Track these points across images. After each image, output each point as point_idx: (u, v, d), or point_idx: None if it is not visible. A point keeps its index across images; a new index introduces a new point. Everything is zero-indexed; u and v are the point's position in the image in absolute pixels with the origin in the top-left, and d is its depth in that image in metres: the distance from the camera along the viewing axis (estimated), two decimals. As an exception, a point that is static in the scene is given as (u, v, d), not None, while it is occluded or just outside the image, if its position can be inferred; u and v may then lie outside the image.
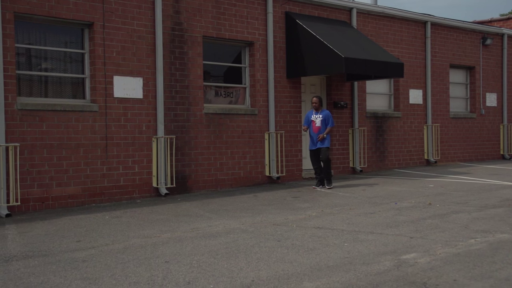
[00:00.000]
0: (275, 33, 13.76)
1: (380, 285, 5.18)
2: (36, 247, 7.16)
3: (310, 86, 14.98)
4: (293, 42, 13.88)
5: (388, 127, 16.47)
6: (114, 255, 6.61)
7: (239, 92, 13.54)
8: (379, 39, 16.15)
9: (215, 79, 13.43)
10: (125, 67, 11.32)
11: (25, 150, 10.11)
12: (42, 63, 10.87)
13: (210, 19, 12.62)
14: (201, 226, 8.36)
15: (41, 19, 10.51)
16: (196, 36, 12.40)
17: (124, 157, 11.34)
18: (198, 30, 12.42)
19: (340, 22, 15.07)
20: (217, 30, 12.77)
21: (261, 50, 13.55)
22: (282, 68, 13.91)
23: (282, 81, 13.92)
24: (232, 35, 13.03)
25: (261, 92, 13.55)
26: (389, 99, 16.99)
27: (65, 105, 10.67)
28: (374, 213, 9.15)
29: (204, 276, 5.59)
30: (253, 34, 13.38)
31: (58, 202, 10.49)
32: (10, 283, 5.53)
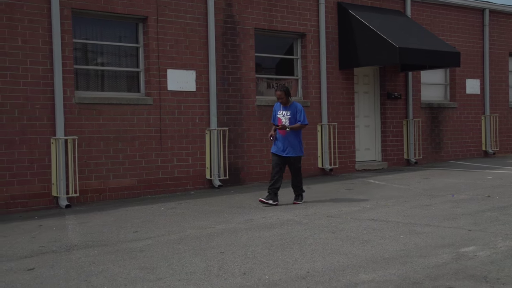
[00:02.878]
0: (327, 24, 13.64)
1: (439, 278, 5.08)
2: (95, 237, 7.34)
3: (363, 77, 14.80)
4: (345, 32, 13.73)
5: (443, 118, 16.11)
6: (170, 246, 6.71)
7: (291, 84, 13.50)
8: (434, 28, 15.80)
9: (267, 71, 13.42)
10: (178, 61, 11.44)
11: (83, 143, 10.36)
12: (98, 58, 11.10)
13: (262, 11, 12.61)
14: (255, 218, 8.39)
15: (97, 14, 10.72)
16: (248, 29, 12.42)
17: (178, 150, 11.49)
18: (250, 22, 12.43)
19: (394, 11, 14.81)
20: (269, 22, 12.75)
21: (313, 41, 13.46)
22: (334, 59, 13.79)
23: (334, 72, 13.80)
24: (284, 26, 12.99)
25: (313, 84, 13.47)
26: (445, 89, 16.62)
27: (120, 98, 10.87)
28: (430, 205, 8.98)
29: (259, 267, 5.61)
30: (305, 26, 13.31)
31: (115, 193, 10.72)
32: (72, 271, 5.69)
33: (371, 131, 14.93)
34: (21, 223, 8.62)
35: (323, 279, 5.17)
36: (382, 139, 14.92)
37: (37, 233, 7.77)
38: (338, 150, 13.78)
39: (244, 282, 5.15)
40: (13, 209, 9.66)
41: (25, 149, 9.82)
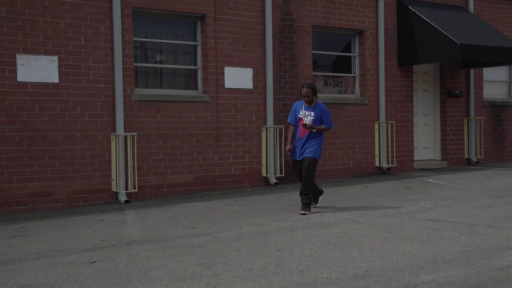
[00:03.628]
0: (386, 20, 13.43)
1: (503, 281, 4.92)
2: (154, 232, 7.46)
3: (422, 75, 14.51)
4: (404, 29, 13.48)
5: (506, 116, 15.62)
6: (227, 242, 6.74)
7: (348, 82, 13.37)
8: (499, 23, 15.33)
9: (324, 68, 13.33)
10: (235, 58, 11.50)
11: (142, 139, 10.54)
12: (157, 55, 11.27)
13: (319, 8, 12.53)
14: (311, 216, 8.34)
15: (157, 12, 10.89)
16: (306, 26, 12.36)
17: (235, 147, 11.54)
18: (307, 19, 12.37)
19: (456, 7, 14.45)
20: (327, 19, 12.66)
21: (372, 39, 13.28)
22: (393, 56, 13.57)
23: (393, 70, 13.58)
24: (342, 24, 12.87)
25: (371, 81, 13.29)
26: (509, 86, 16.11)
27: (178, 96, 11.01)
28: (493, 206, 8.72)
29: (317, 265, 5.58)
30: (363, 22, 13.14)
31: (172, 189, 10.86)
32: (132, 265, 5.80)
33: (430, 130, 14.62)
34: (82, 217, 8.84)
35: (382, 279, 5.09)
36: (442, 137, 14.59)
37: (98, 227, 7.95)
38: (396, 148, 13.56)
39: (301, 280, 5.13)
40: (74, 204, 9.93)
41: (87, 145, 10.07)
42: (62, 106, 9.84)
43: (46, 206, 9.68)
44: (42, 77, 9.63)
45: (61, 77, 9.81)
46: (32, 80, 9.57)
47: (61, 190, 9.82)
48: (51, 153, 9.74)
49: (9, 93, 9.38)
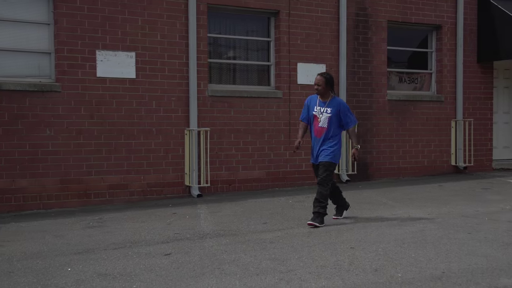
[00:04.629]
0: (466, 15, 13.00)
1: None
2: (226, 227, 7.52)
3: (503, 71, 13.97)
4: (485, 24, 13.01)
5: None
6: (299, 238, 6.71)
7: (424, 78, 13.04)
8: None
9: (398, 64, 13.04)
10: (308, 54, 11.43)
11: (215, 134, 10.65)
12: (230, 51, 11.35)
13: (395, 3, 12.27)
14: (385, 214, 8.19)
15: (231, 9, 10.96)
16: (381, 21, 12.14)
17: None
18: (383, 15, 12.14)
19: (539, 0, 13.82)
20: (403, 15, 12.38)
21: (449, 34, 12.89)
22: (472, 52, 13.13)
23: (471, 66, 13.14)
24: (419, 19, 12.55)
25: (448, 78, 12.91)
26: None
27: (251, 91, 11.05)
28: None
29: (391, 264, 5.46)
30: (441, 17, 12.77)
31: (244, 185, 10.92)
32: (206, 258, 5.86)
33: (510, 128, 14.06)
34: (156, 210, 9.02)
35: (460, 280, 4.93)
36: (523, 137, 14.02)
37: (172, 220, 8.09)
38: (474, 147, 13.11)
39: (376, 278, 5.04)
40: (149, 196, 10.15)
41: (161, 140, 10.26)
42: (138, 101, 10.07)
43: (122, 198, 9.94)
44: (120, 73, 9.89)
45: (138, 72, 10.04)
46: (111, 75, 9.84)
47: (136, 183, 10.06)
48: (127, 147, 9.99)
49: (88, 88, 9.68)
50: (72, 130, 9.56)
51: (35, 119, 9.31)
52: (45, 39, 9.54)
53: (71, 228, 7.69)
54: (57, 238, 7.02)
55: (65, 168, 9.52)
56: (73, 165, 9.58)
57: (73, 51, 9.54)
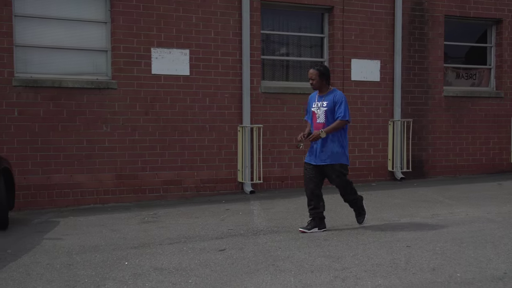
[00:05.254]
0: (528, 8, 12.60)
1: None
2: (279, 223, 7.50)
3: None
4: (546, 17, 12.57)
5: None
6: (354, 236, 6.64)
7: (482, 74, 12.69)
8: None
9: (455, 60, 12.73)
10: (363, 50, 11.29)
11: (267, 131, 10.64)
12: (283, 48, 11.32)
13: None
14: (442, 213, 8.01)
15: (284, 5, 10.94)
16: (438, 16, 11.87)
17: (360, 140, 11.35)
18: (440, 9, 11.87)
19: None
20: (461, 9, 12.07)
21: (510, 28, 12.50)
22: (532, 46, 12.71)
23: (533, 61, 12.73)
24: (478, 13, 12.21)
25: (508, 73, 12.53)
26: None
27: (304, 88, 10.97)
28: None
29: (450, 264, 5.33)
30: (501, 11, 12.39)
31: (296, 181, 10.88)
32: (260, 254, 5.86)
33: None
34: (210, 206, 9.09)
35: (523, 282, 4.77)
36: None
37: (226, 216, 8.13)
38: (534, 145, 12.70)
39: (434, 278, 4.92)
40: (202, 192, 10.23)
41: (214, 136, 10.32)
42: (192, 98, 10.15)
43: (176, 194, 10.05)
44: (174, 70, 9.99)
45: (192, 69, 10.13)
46: (165, 72, 9.96)
47: (189, 179, 10.16)
48: (181, 143, 10.10)
49: (144, 85, 9.82)
50: (127, 126, 9.73)
51: (92, 115, 9.51)
52: (102, 37, 9.73)
53: (127, 223, 7.82)
54: (113, 232, 7.15)
55: (121, 164, 9.70)
56: (129, 161, 9.75)
57: (129, 49, 9.70)
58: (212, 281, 4.98)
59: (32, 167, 9.16)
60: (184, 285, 4.89)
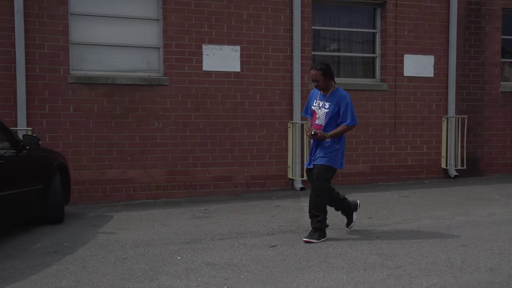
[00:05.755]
0: None
1: None
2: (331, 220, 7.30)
3: None
4: None
5: None
6: (407, 234, 6.52)
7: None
8: None
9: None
10: (416, 45, 11.07)
11: (318, 127, 10.55)
12: (334, 44, 11.22)
13: (511, -11, 11.65)
14: (499, 212, 7.79)
15: (336, 0, 10.83)
16: (495, 9, 11.53)
17: (412, 137, 11.15)
18: (497, 2, 11.53)
19: None
20: (519, 1, 11.71)
21: None
22: None
23: None
24: (536, 5, 11.83)
25: None
26: None
27: (355, 84, 10.87)
28: None
29: (508, 264, 5.18)
30: (560, 3, 11.97)
31: (347, 178, 10.77)
32: (311, 251, 5.80)
33: None
34: (260, 202, 9.08)
35: None
36: None
37: (276, 213, 8.12)
38: None
39: (491, 278, 4.79)
40: (252, 189, 10.23)
41: (265, 132, 10.31)
42: (243, 94, 10.17)
43: (226, 190, 10.09)
44: (225, 66, 10.03)
45: (242, 66, 10.14)
46: (216, 69, 10.00)
47: (240, 175, 10.18)
48: (231, 140, 10.13)
49: (195, 82, 9.89)
50: (179, 122, 9.82)
51: (145, 112, 9.63)
52: (154, 34, 9.85)
53: (179, 218, 7.90)
54: (165, 227, 7.23)
55: (172, 160, 9.80)
56: (180, 156, 9.84)
57: (180, 46, 9.78)
58: (264, 277, 4.97)
59: (87, 162, 9.35)
60: (236, 281, 4.89)
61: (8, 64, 8.89)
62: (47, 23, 9.07)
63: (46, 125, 9.11)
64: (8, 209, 6.59)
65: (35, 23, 9.01)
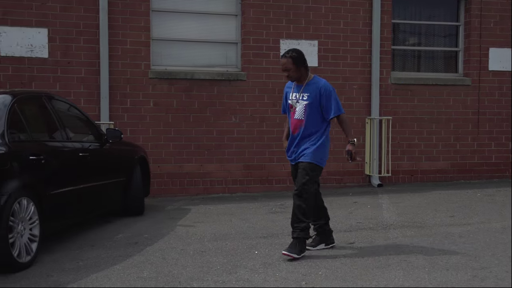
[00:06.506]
0: None
1: None
2: (410, 218, 7.25)
3: None
4: None
5: None
6: (492, 234, 6.27)
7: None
8: None
9: None
10: (502, 38, 10.64)
11: (397, 123, 10.34)
12: (414, 38, 10.94)
13: None
14: None
15: (417, -7, 10.59)
16: None
17: (497, 134, 10.73)
18: None
19: None
20: None
21: None
22: None
23: None
24: None
25: None
26: None
27: (436, 79, 10.57)
28: None
29: None
30: None
31: (426, 176, 10.50)
32: (391, 249, 5.67)
33: None
34: (336, 198, 8.99)
35: None
36: None
37: (353, 209, 8.01)
38: None
39: None
40: (328, 184, 10.13)
41: (342, 128, 10.16)
42: (320, 89, 10.06)
43: (303, 185, 10.02)
44: (303, 61, 9.95)
45: (320, 61, 10.05)
46: (293, 64, 9.94)
47: (316, 171, 10.09)
48: (308, 135, 10.05)
49: (272, 77, 9.85)
50: (255, 117, 9.85)
51: (222, 106, 9.72)
52: (232, 29, 9.92)
53: (255, 213, 7.93)
54: (242, 222, 7.27)
55: (249, 155, 9.84)
56: (256, 151, 9.87)
57: (258, 41, 9.80)
58: (342, 274, 4.91)
59: (165, 156, 9.54)
60: (314, 277, 4.85)
61: (92, 60, 9.19)
62: (129, 19, 9.30)
63: (127, 119, 9.36)
64: (92, 200, 6.83)
65: (119, 19, 9.26)
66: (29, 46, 8.96)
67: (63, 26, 9.07)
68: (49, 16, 9.02)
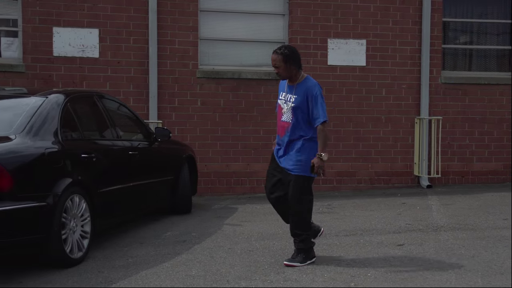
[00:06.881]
0: None
1: None
2: (461, 220, 7.09)
3: None
4: None
5: None
6: (548, 238, 6.08)
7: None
8: None
9: None
10: (557, 36, 10.31)
11: (447, 123, 10.13)
12: (465, 36, 10.70)
13: None
14: None
15: (468, -10, 10.35)
16: None
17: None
18: None
19: None
20: None
21: None
22: None
23: None
24: None
25: None
26: None
27: (489, 78, 10.32)
28: None
29: None
30: None
31: (477, 177, 10.26)
32: (442, 252, 5.58)
33: None
34: (384, 199, 8.87)
35: None
36: None
37: (402, 210, 7.88)
38: None
39: None
40: (376, 185, 10.02)
41: (390, 128, 10.04)
42: (368, 89, 9.96)
43: (349, 185, 9.95)
44: (350, 61, 9.87)
45: (368, 60, 9.93)
46: (341, 63, 9.87)
47: (363, 171, 9.99)
48: (355, 135, 9.96)
49: (319, 76, 9.76)
50: (303, 117, 9.79)
51: (269, 106, 9.69)
52: (279, 29, 9.90)
53: (302, 213, 7.87)
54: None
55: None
56: (303, 151, 9.80)
57: (305, 40, 9.75)
58: (392, 276, 4.83)
59: (213, 155, 9.59)
60: (363, 278, 4.79)
61: (142, 59, 9.32)
62: (178, 19, 9.39)
63: (175, 118, 9.45)
64: (141, 198, 6.91)
65: (167, 20, 9.36)
66: (80, 46, 9.15)
67: (113, 27, 9.23)
68: (100, 17, 9.19)
